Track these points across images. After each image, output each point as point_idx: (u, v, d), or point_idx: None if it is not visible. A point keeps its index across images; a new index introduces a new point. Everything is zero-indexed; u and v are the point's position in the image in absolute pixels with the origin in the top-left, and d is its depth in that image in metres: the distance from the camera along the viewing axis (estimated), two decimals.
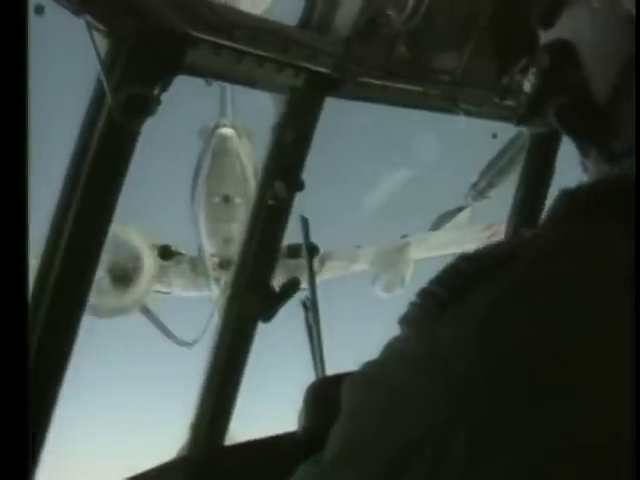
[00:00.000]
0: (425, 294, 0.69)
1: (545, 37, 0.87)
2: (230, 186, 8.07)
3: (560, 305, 0.64)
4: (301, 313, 2.39)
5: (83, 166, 1.64)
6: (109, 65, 1.59)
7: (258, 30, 1.77)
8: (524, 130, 2.42)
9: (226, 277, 8.77)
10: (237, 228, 8.06)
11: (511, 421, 0.62)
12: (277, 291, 2.20)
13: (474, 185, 4.76)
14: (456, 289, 0.66)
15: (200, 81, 1.85)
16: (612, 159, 0.80)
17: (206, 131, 7.90)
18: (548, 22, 0.86)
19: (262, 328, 2.32)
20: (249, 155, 7.95)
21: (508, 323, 0.64)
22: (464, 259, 0.70)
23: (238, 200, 8.08)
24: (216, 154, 7.86)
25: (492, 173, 4.12)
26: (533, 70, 0.86)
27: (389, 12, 1.99)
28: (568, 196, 0.77)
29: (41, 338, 1.63)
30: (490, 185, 4.41)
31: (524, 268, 0.66)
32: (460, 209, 9.30)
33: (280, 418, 2.32)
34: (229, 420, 2.28)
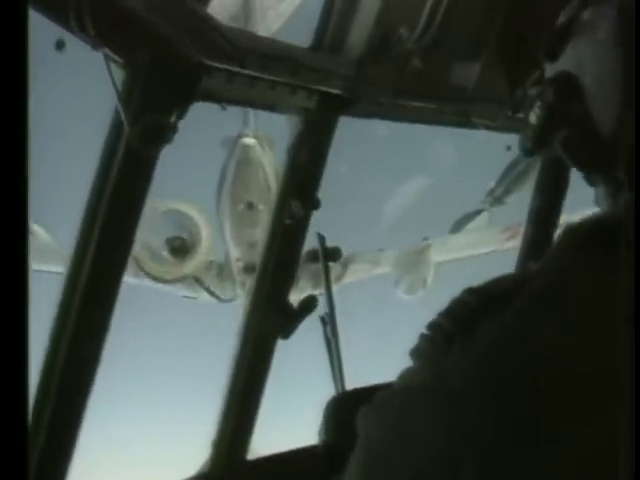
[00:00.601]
0: (434, 327, 0.72)
1: (550, 70, 0.87)
2: (254, 193, 8.13)
3: (559, 335, 0.67)
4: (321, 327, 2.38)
5: (104, 194, 1.65)
6: (126, 95, 1.60)
7: (270, 56, 1.77)
8: None
9: (251, 281, 8.87)
10: (261, 233, 8.20)
11: (512, 439, 0.64)
12: (295, 308, 2.19)
13: (491, 191, 4.70)
14: (463, 322, 0.69)
15: None
16: (618, 189, 0.79)
17: (229, 141, 8.00)
18: (552, 55, 0.86)
19: (282, 342, 2.31)
20: (271, 163, 8.04)
21: (510, 352, 0.67)
22: (471, 293, 0.72)
23: (261, 206, 8.12)
24: (240, 163, 7.95)
25: (509, 180, 4.07)
26: (539, 103, 0.85)
27: (401, 31, 1.97)
28: (571, 232, 0.77)
29: (71, 344, 1.65)
30: (507, 192, 4.35)
31: (526, 302, 0.69)
32: (479, 212, 9.27)
33: (300, 432, 2.31)
34: (251, 435, 2.27)
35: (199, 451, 2.31)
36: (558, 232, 0.80)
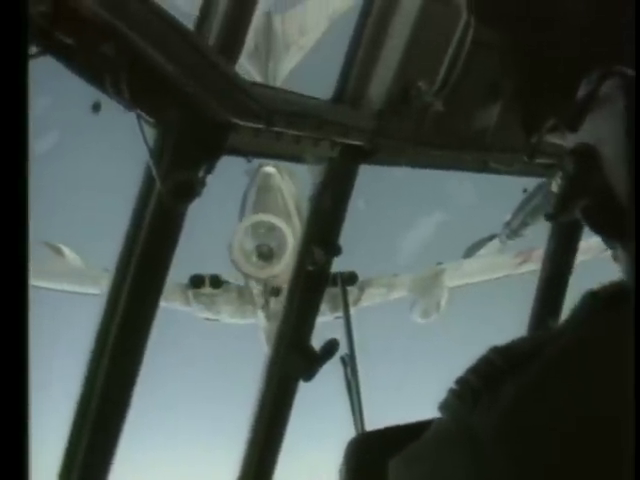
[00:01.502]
0: (462, 383, 0.73)
1: (570, 141, 0.88)
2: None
3: (577, 397, 0.68)
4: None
5: (135, 248, 1.66)
6: (157, 153, 1.61)
7: (295, 113, 1.77)
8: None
9: (271, 303, 8.96)
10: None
11: None
12: (317, 351, 2.16)
13: (507, 224, 4.56)
14: (489, 380, 0.71)
15: None
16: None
17: (251, 169, 8.09)
18: (573, 127, 0.87)
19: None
20: (290, 190, 8.06)
21: (531, 412, 0.68)
22: (497, 352, 0.74)
23: None
24: (260, 189, 7.97)
25: (525, 213, 3.94)
26: (561, 174, 0.86)
27: (420, 84, 1.96)
28: (590, 297, 0.78)
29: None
30: (523, 224, 4.21)
31: (546, 364, 0.71)
32: (491, 237, 9.15)
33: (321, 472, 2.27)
34: (273, 473, 2.23)
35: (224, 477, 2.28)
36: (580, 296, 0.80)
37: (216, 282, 8.75)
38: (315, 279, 2.12)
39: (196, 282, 8.55)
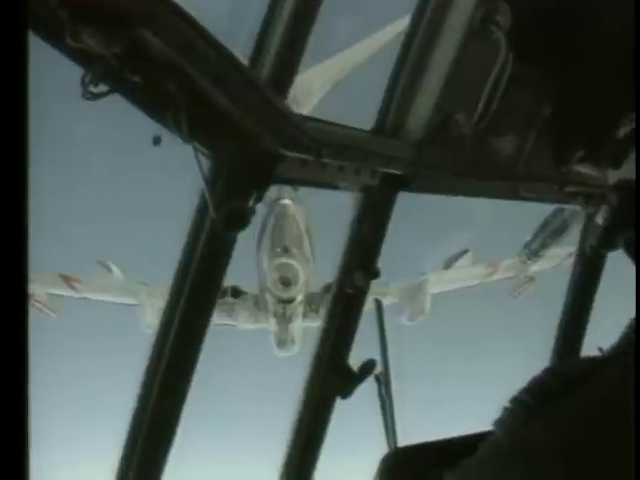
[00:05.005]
0: (516, 401, 0.68)
1: (613, 176, 0.80)
2: (288, 240, 8.19)
3: (631, 416, 0.61)
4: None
5: (189, 271, 1.41)
6: (211, 183, 1.34)
7: (342, 146, 1.50)
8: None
9: (284, 310, 8.82)
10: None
11: None
12: (355, 370, 1.83)
13: (527, 244, 4.12)
14: (543, 399, 0.66)
15: None
16: None
17: (269, 200, 8.12)
18: (616, 163, 0.79)
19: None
20: (301, 216, 8.11)
21: (588, 430, 0.63)
22: (551, 373, 0.69)
23: (294, 250, 8.27)
24: (277, 216, 7.96)
25: (545, 234, 3.53)
26: (604, 207, 0.80)
27: (458, 117, 1.66)
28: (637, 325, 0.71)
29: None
30: (543, 245, 3.79)
31: (600, 388, 0.66)
32: (464, 252, 9.13)
33: None
34: None
35: None
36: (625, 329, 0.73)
37: (236, 292, 8.73)
38: (354, 301, 1.81)
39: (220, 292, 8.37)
